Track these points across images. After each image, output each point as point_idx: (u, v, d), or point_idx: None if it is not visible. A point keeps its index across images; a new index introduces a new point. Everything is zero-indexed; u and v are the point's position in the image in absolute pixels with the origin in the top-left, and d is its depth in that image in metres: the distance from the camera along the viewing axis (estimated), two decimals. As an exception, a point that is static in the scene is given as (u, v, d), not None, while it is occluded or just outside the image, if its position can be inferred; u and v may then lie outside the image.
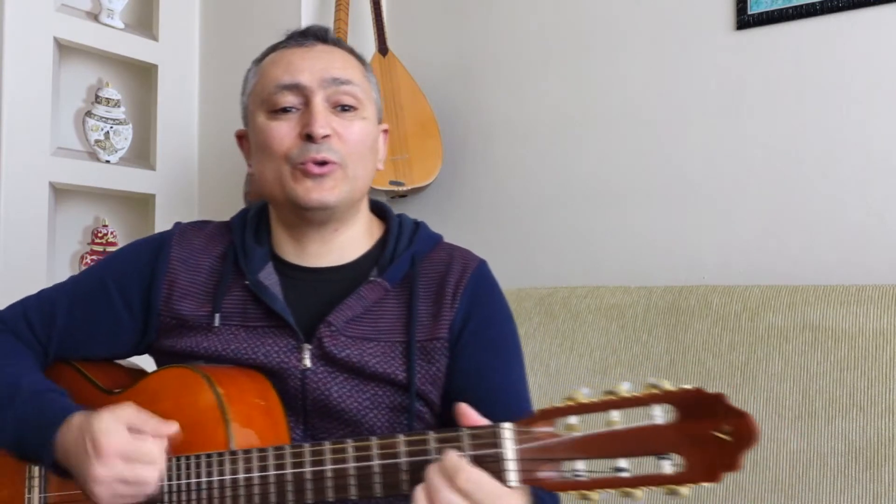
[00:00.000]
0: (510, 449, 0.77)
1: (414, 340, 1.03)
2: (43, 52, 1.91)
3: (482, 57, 1.96)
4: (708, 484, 0.71)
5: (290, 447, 0.86)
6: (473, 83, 1.97)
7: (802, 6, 1.54)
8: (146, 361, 1.16)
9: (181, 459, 0.90)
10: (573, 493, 0.75)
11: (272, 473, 0.86)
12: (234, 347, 1.03)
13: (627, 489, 0.73)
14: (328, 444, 0.84)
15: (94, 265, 1.15)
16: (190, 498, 0.89)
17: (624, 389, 0.75)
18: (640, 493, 0.73)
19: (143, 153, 2.15)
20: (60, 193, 1.97)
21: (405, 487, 0.81)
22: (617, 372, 1.46)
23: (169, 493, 0.90)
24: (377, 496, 0.82)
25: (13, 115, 1.85)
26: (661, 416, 0.73)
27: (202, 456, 0.89)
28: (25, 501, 1.04)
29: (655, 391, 0.74)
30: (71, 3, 1.98)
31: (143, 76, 2.16)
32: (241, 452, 0.88)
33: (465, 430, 0.80)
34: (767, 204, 1.58)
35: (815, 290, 1.34)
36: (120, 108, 2.10)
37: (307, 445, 0.85)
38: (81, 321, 1.08)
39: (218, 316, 1.04)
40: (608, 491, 0.74)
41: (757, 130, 1.59)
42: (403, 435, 0.82)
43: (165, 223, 2.07)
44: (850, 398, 1.25)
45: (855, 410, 1.24)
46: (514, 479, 0.77)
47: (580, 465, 0.76)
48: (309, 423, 1.03)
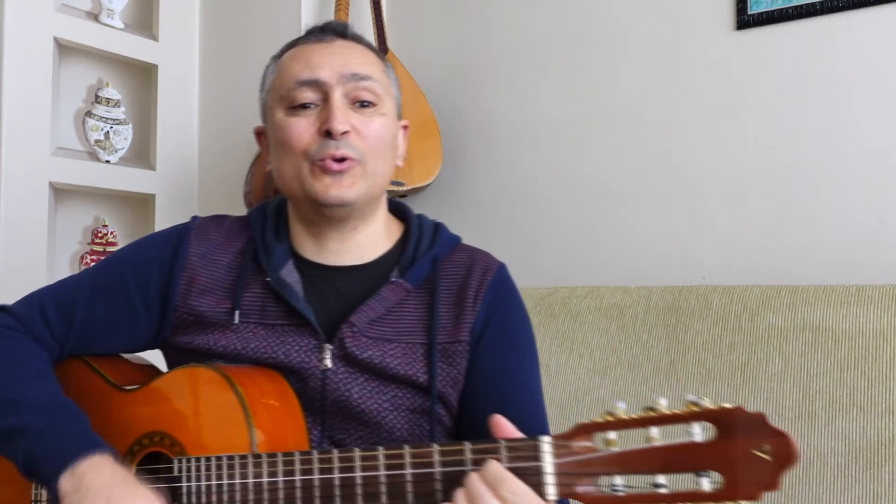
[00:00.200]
0: (549, 462, 0.77)
1: (435, 343, 1.03)
2: (43, 52, 1.91)
3: (482, 57, 1.96)
4: (746, 503, 0.71)
5: (317, 452, 0.85)
6: (473, 83, 1.97)
7: (802, 6, 1.54)
8: (152, 356, 1.15)
9: (202, 460, 0.90)
10: None
11: (298, 478, 0.85)
12: (253, 346, 1.02)
13: None
14: (358, 450, 0.84)
15: (109, 259, 1.13)
16: (210, 500, 0.88)
17: (663, 406, 0.75)
18: None
19: (143, 153, 2.15)
20: (60, 193, 1.97)
21: (439, 497, 0.81)
22: (617, 372, 1.46)
23: (190, 494, 0.89)
24: None
25: (13, 115, 1.85)
26: (700, 433, 0.74)
27: (224, 458, 0.88)
28: (32, 497, 1.03)
29: (695, 409, 0.74)
30: (71, 3, 1.98)
31: (143, 76, 2.16)
32: (265, 456, 0.86)
33: (502, 441, 0.80)
34: (767, 204, 1.58)
35: (815, 290, 1.34)
36: (120, 108, 2.10)
37: (336, 451, 0.85)
38: (100, 319, 1.07)
39: (237, 313, 1.03)
40: None
41: (757, 130, 1.59)
42: (438, 444, 0.82)
43: (165, 223, 2.06)
44: (850, 398, 1.25)
45: (855, 410, 1.24)
46: (552, 492, 0.77)
47: (618, 480, 0.76)
48: (327, 423, 1.02)
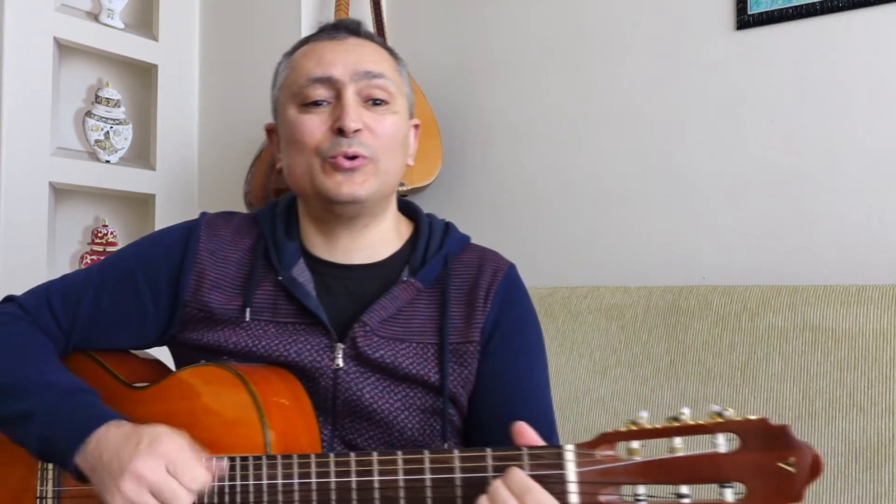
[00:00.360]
0: (572, 471, 0.78)
1: (447, 343, 1.03)
2: (43, 52, 1.91)
3: (482, 57, 1.96)
4: None
5: (334, 455, 0.85)
6: (473, 83, 1.97)
7: (802, 6, 1.54)
8: (160, 352, 1.15)
9: (213, 460, 0.89)
10: None
11: (314, 481, 0.85)
12: (264, 344, 1.02)
13: None
14: (376, 454, 0.84)
15: (117, 254, 1.13)
16: (223, 500, 0.87)
17: (687, 416, 0.76)
18: None
19: (143, 153, 2.15)
20: (60, 193, 1.97)
21: (459, 503, 0.81)
22: (617, 372, 1.46)
23: (208, 494, 0.88)
24: None
25: (13, 115, 1.85)
26: (724, 444, 0.74)
27: (237, 458, 0.88)
28: (38, 493, 1.03)
29: (720, 419, 0.74)
30: (71, 3, 1.98)
31: (143, 76, 2.16)
32: (280, 457, 0.86)
33: (525, 449, 0.80)
34: (767, 204, 1.57)
35: (815, 290, 1.34)
36: (120, 108, 2.10)
37: (353, 455, 0.85)
38: (107, 313, 1.07)
39: (249, 310, 1.03)
40: None
41: (757, 130, 1.59)
42: (458, 450, 0.82)
43: (165, 223, 2.06)
44: (850, 398, 1.25)
45: (855, 410, 1.24)
46: (575, 501, 0.77)
47: (641, 489, 0.76)
48: (338, 423, 1.02)
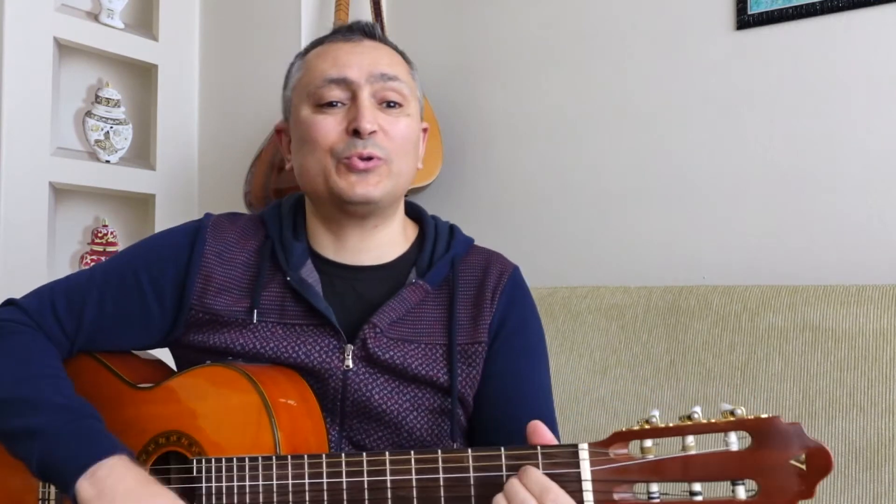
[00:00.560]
0: (587, 469, 0.78)
1: (455, 343, 1.04)
2: (43, 52, 1.91)
3: (482, 57, 1.96)
4: None
5: (345, 455, 0.85)
6: (473, 83, 1.97)
7: (802, 6, 1.54)
8: (160, 353, 1.15)
9: (223, 461, 0.89)
10: None
11: (326, 481, 0.85)
12: (272, 345, 1.02)
13: None
14: (388, 454, 0.84)
15: (121, 255, 1.12)
16: (232, 500, 0.88)
17: (699, 415, 0.77)
18: None
19: (143, 153, 2.15)
20: (60, 193, 1.97)
21: (473, 503, 0.81)
22: (617, 372, 1.46)
23: (210, 494, 0.88)
24: None
25: (13, 115, 1.85)
26: (736, 442, 0.75)
27: (246, 458, 0.88)
28: (39, 494, 1.02)
29: (732, 418, 0.75)
30: (71, 3, 1.98)
31: (143, 76, 2.16)
32: (290, 457, 0.86)
33: (539, 447, 0.81)
34: (767, 204, 1.57)
35: (815, 290, 1.34)
36: (120, 108, 2.10)
37: (365, 455, 0.85)
38: (111, 315, 1.06)
39: (256, 312, 1.03)
40: None
41: (757, 130, 1.59)
42: (472, 449, 0.83)
43: (165, 223, 2.07)
44: (850, 398, 1.25)
45: (855, 410, 1.24)
46: (590, 499, 0.78)
47: (654, 487, 0.77)
48: (346, 423, 1.02)
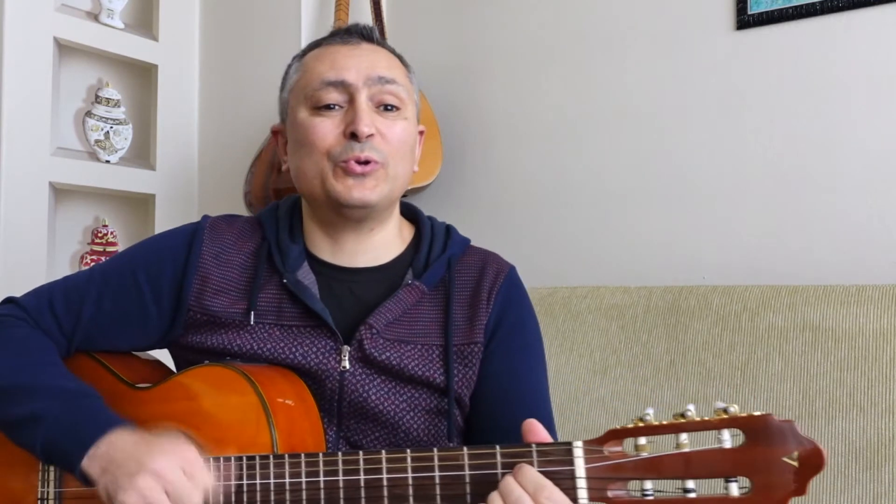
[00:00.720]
0: (581, 467, 0.79)
1: (451, 344, 1.04)
2: (43, 52, 1.91)
3: (482, 56, 1.96)
4: None
5: (342, 454, 0.86)
6: (473, 83, 1.97)
7: (802, 6, 1.54)
8: (159, 354, 1.15)
9: (220, 460, 0.89)
10: None
11: (322, 479, 0.85)
12: (269, 347, 1.02)
13: None
14: (385, 452, 0.85)
15: (120, 255, 1.13)
16: (230, 499, 0.88)
17: (693, 413, 0.77)
18: None
19: (143, 153, 2.15)
20: (60, 193, 1.97)
21: (469, 500, 0.82)
22: (617, 372, 1.46)
23: (214, 494, 0.88)
24: None
25: (13, 115, 1.85)
26: (729, 439, 0.76)
27: (244, 457, 0.88)
28: (39, 494, 1.03)
29: (725, 415, 0.76)
30: (71, 3, 1.98)
31: (143, 76, 2.16)
32: (287, 456, 0.87)
33: (534, 446, 0.81)
34: (767, 204, 1.57)
35: (815, 290, 1.34)
36: (120, 108, 2.10)
37: (361, 453, 0.85)
38: (108, 315, 1.07)
39: (253, 314, 1.03)
40: None
41: (757, 130, 1.59)
42: (467, 448, 0.83)
43: (165, 223, 2.07)
44: (850, 398, 1.25)
45: (855, 410, 1.24)
46: (584, 496, 0.79)
47: (648, 484, 0.77)
48: (343, 424, 1.03)
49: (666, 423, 0.77)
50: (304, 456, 0.86)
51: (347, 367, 1.01)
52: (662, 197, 1.69)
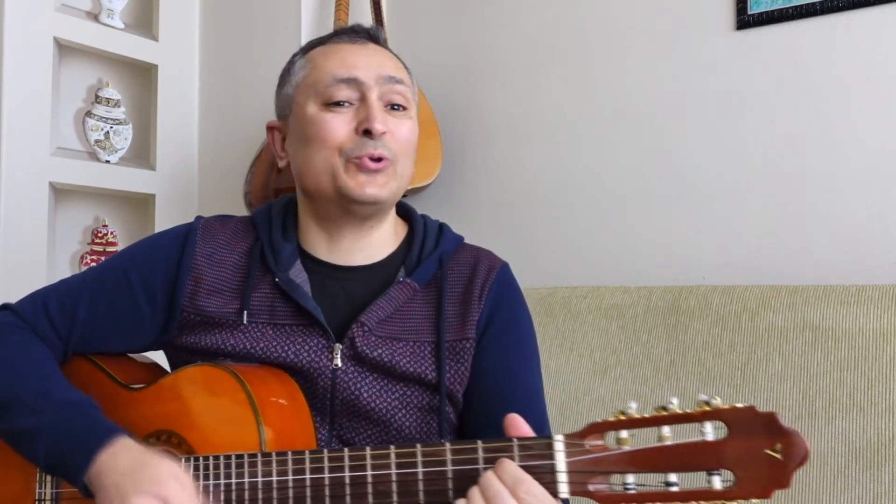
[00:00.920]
0: (562, 461, 0.78)
1: (443, 341, 1.04)
2: (43, 52, 1.91)
3: (482, 57, 1.96)
4: (758, 500, 0.72)
5: (328, 451, 0.86)
6: (473, 83, 1.97)
7: (802, 6, 1.54)
8: (156, 355, 1.15)
9: (210, 459, 0.89)
10: None
11: (308, 477, 0.85)
12: (262, 345, 1.02)
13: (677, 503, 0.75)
14: (369, 449, 0.84)
15: (114, 258, 1.13)
16: (219, 499, 0.88)
17: (675, 405, 0.76)
18: None
19: (143, 153, 2.15)
20: (60, 193, 1.97)
21: (451, 496, 0.81)
22: (617, 372, 1.46)
23: (203, 492, 0.88)
24: None
25: (13, 115, 1.85)
26: (712, 432, 0.75)
27: (232, 456, 0.88)
28: (36, 496, 1.03)
29: (707, 408, 0.75)
30: (71, 3, 1.98)
31: (143, 76, 2.16)
32: (275, 454, 0.87)
33: (515, 440, 0.81)
34: (767, 204, 1.57)
35: (815, 290, 1.33)
36: (120, 108, 2.10)
37: (346, 450, 0.85)
38: (103, 316, 1.07)
39: (246, 313, 1.04)
40: None
41: (757, 130, 1.59)
42: (450, 443, 0.83)
43: (165, 223, 2.07)
44: (850, 398, 1.25)
45: (855, 410, 1.24)
46: (564, 490, 0.78)
47: (630, 478, 0.77)
48: (335, 422, 1.03)
49: (648, 416, 0.77)
50: (290, 454, 0.86)
51: (339, 365, 1.01)
52: (662, 197, 1.69)
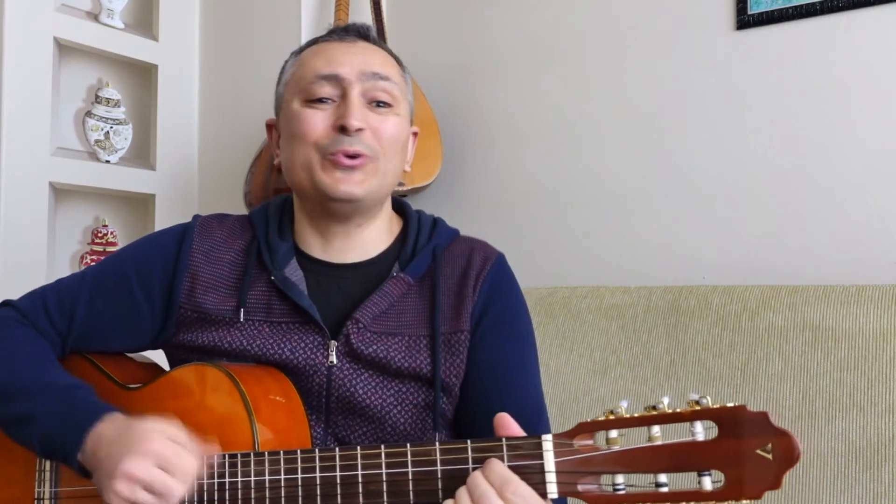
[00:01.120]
0: (551, 461, 0.78)
1: (438, 333, 1.04)
2: (43, 52, 1.91)
3: (482, 56, 1.96)
4: (749, 501, 0.72)
5: (319, 450, 0.86)
6: (473, 83, 1.97)
7: (802, 6, 1.54)
8: (157, 355, 1.15)
9: (203, 458, 0.89)
10: None
11: (300, 476, 0.86)
12: (259, 343, 1.03)
13: None
14: (360, 448, 0.85)
15: (112, 256, 1.14)
16: (213, 498, 0.88)
17: (665, 405, 0.76)
18: None
19: (143, 153, 2.15)
20: (60, 193, 1.97)
21: (440, 496, 0.81)
22: (617, 372, 1.46)
23: (197, 491, 0.89)
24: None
25: (13, 115, 1.85)
26: (702, 432, 0.74)
27: (226, 455, 0.89)
28: (36, 495, 1.03)
29: (698, 407, 0.75)
30: (71, 3, 1.98)
31: (143, 76, 2.16)
32: (267, 454, 0.87)
33: (504, 440, 0.80)
34: (767, 204, 1.57)
35: (815, 290, 1.33)
36: (120, 108, 2.10)
37: (337, 449, 0.85)
38: (101, 314, 1.07)
39: (243, 311, 1.04)
40: None
41: (757, 130, 1.59)
42: (439, 443, 0.83)
43: (165, 223, 2.06)
44: (850, 398, 1.25)
45: (855, 410, 1.24)
46: (553, 491, 0.78)
47: (620, 478, 0.76)
48: (331, 420, 1.03)
49: (637, 415, 0.76)
50: (282, 453, 0.87)
51: (335, 362, 1.02)
52: (662, 197, 1.69)
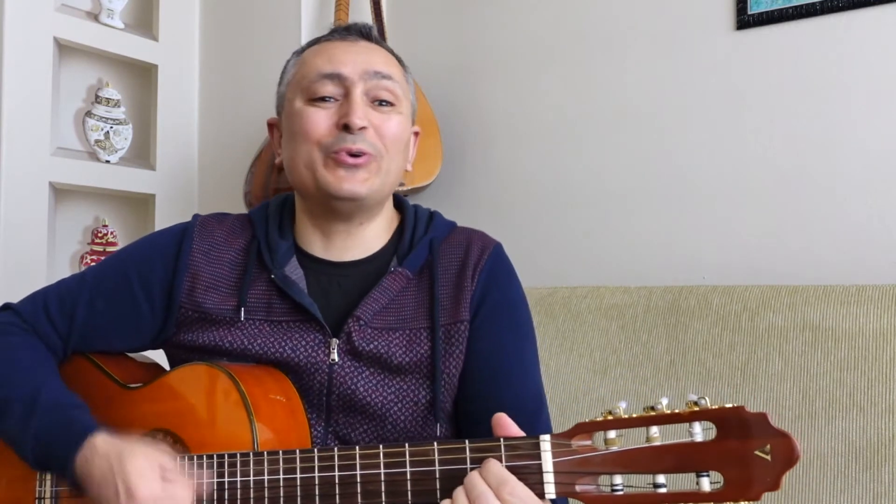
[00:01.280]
0: (548, 461, 0.78)
1: (438, 325, 1.04)
2: (43, 52, 1.91)
3: (482, 56, 1.96)
4: (747, 503, 0.71)
5: (318, 450, 0.86)
6: (473, 82, 1.97)
7: (802, 6, 1.54)
8: (158, 355, 1.15)
9: (203, 458, 0.90)
10: None
11: (299, 476, 0.86)
12: (259, 342, 1.03)
13: None
14: (358, 448, 0.85)
15: (113, 257, 1.14)
16: (212, 497, 0.88)
17: (664, 405, 0.76)
18: None
19: (143, 153, 2.15)
20: (60, 193, 1.97)
21: (438, 495, 0.81)
22: (617, 372, 1.46)
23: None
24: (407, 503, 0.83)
25: (13, 115, 1.85)
26: (701, 433, 0.74)
27: (225, 455, 0.89)
28: (37, 494, 1.03)
29: (696, 408, 0.74)
30: (71, 3, 1.98)
31: (143, 76, 2.16)
32: (266, 454, 0.87)
33: (502, 440, 0.80)
34: (767, 204, 1.57)
35: (815, 290, 1.33)
36: (120, 108, 2.10)
37: (336, 449, 0.85)
38: (102, 314, 1.07)
39: (243, 310, 1.04)
40: None
41: (757, 130, 1.59)
42: (437, 443, 0.83)
43: (165, 223, 2.06)
44: (850, 398, 1.25)
45: (855, 410, 1.24)
46: (551, 491, 0.78)
47: (618, 479, 0.76)
48: (332, 418, 1.03)
49: (636, 416, 0.76)
50: (281, 453, 0.87)
51: (336, 359, 1.02)
52: (662, 197, 1.69)
